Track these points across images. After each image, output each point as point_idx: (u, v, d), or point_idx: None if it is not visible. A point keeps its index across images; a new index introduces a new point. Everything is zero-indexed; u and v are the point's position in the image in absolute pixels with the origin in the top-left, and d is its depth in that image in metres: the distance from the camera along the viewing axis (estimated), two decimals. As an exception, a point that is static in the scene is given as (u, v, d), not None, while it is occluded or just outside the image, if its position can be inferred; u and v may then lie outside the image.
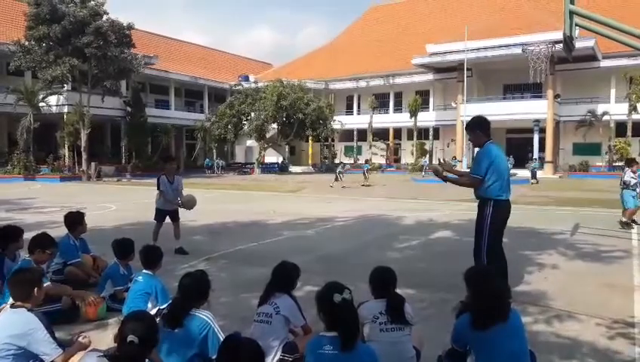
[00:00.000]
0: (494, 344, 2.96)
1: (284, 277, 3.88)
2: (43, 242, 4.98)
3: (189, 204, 8.30)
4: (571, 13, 6.82)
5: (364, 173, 27.68)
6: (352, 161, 46.16)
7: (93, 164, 33.31)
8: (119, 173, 35.83)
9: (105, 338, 4.19)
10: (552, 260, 7.51)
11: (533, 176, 28.58)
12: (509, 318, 3.01)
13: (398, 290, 3.68)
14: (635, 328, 4.60)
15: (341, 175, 26.28)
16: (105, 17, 31.76)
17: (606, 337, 4.37)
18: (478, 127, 5.52)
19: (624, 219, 10.76)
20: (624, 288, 5.94)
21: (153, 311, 4.36)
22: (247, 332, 3.86)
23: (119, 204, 16.42)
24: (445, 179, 5.56)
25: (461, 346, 3.17)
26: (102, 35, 30.46)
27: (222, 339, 3.27)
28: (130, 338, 2.52)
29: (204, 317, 3.36)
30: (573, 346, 4.20)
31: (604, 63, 37.47)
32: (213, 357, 3.18)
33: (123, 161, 38.98)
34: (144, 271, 4.71)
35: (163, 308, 4.26)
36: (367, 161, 31.94)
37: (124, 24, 32.52)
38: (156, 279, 4.68)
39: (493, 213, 5.19)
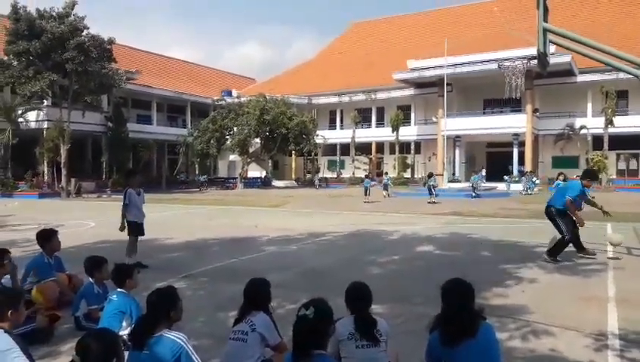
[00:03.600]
0: (465, 359, 2.97)
1: (255, 295, 3.83)
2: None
3: None
4: (545, 30, 6.98)
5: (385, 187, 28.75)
6: (336, 175, 46.27)
7: (73, 180, 32.81)
8: (100, 189, 35.35)
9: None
10: (530, 273, 7.59)
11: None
12: (478, 333, 3.01)
13: (378, 305, 3.67)
14: (608, 339, 4.66)
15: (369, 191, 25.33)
16: (85, 32, 31.54)
17: (581, 349, 4.42)
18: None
19: None
20: (599, 300, 6.02)
21: (127, 331, 4.29)
22: (222, 350, 3.83)
23: (98, 220, 16.19)
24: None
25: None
26: (83, 50, 30.23)
27: (196, 361, 3.21)
28: (74, 357, 2.44)
29: (177, 339, 3.21)
30: (548, 359, 4.23)
31: (581, 78, 38.33)
32: None
33: (104, 177, 38.51)
34: (118, 289, 4.64)
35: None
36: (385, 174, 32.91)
37: (105, 39, 32.33)
38: (131, 297, 4.61)
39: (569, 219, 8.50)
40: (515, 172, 39.10)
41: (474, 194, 27.15)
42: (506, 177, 36.14)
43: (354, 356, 3.35)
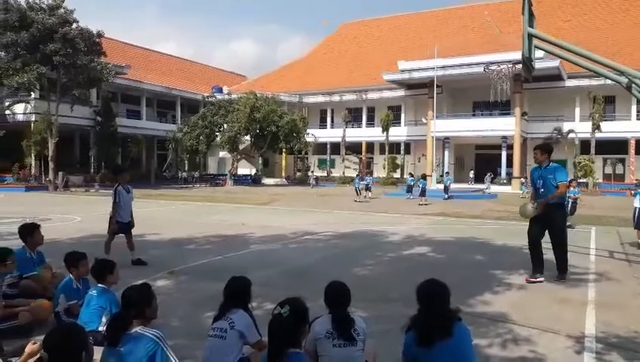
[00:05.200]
0: (441, 360, 3.00)
1: (235, 293, 3.84)
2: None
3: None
4: (530, 35, 7.05)
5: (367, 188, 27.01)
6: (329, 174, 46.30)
7: (60, 173, 32.58)
8: (87, 184, 35.17)
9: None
10: (512, 275, 7.63)
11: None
12: (453, 335, 3.04)
13: (359, 304, 3.69)
14: (585, 342, 4.72)
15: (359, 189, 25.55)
16: (74, 25, 31.27)
17: (559, 351, 4.48)
18: (548, 151, 7.26)
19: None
20: (578, 303, 6.10)
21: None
22: (202, 347, 3.83)
23: (85, 215, 16.10)
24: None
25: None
26: (70, 42, 29.95)
27: (172, 359, 3.21)
28: (41, 354, 2.43)
29: (152, 336, 3.20)
30: (526, 361, 4.29)
31: (569, 83, 38.72)
32: None
33: (92, 171, 38.24)
34: (99, 285, 4.63)
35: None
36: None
37: (94, 32, 32.07)
38: (111, 293, 4.60)
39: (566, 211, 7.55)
40: (504, 174, 39.43)
41: (446, 195, 27.01)
42: (486, 178, 36.19)
43: (330, 354, 3.36)
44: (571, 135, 38.59)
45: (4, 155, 33.48)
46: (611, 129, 37.83)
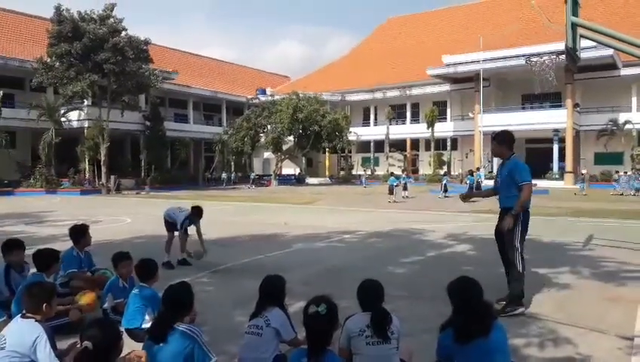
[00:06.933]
0: (477, 357, 2.95)
1: (270, 291, 3.89)
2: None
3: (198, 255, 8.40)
4: (574, 25, 6.77)
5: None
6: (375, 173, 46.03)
7: (112, 177, 33.89)
8: (138, 186, 36.38)
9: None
10: (559, 272, 7.37)
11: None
12: (491, 332, 2.99)
13: (393, 303, 3.66)
14: (635, 342, 4.49)
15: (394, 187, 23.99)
16: (123, 33, 32.45)
17: (604, 352, 4.29)
18: (505, 142, 5.71)
19: None
20: (629, 302, 5.80)
21: (150, 324, 4.40)
22: (239, 344, 3.90)
23: (135, 217, 16.66)
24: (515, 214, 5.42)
25: (446, 360, 3.17)
26: (119, 50, 31.12)
27: (209, 354, 3.29)
28: (86, 343, 2.55)
29: (189, 332, 3.30)
30: (568, 360, 4.13)
31: (625, 72, 36.90)
32: None
33: (142, 175, 39.54)
34: (141, 284, 4.79)
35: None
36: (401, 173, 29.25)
37: (142, 39, 33.16)
38: (153, 291, 4.74)
39: (524, 219, 5.48)
40: (556, 168, 38.02)
41: (444, 194, 25.55)
42: (480, 172, 31.27)
43: (364, 352, 3.36)
44: (628, 126, 36.74)
45: (61, 161, 35.06)
46: (671, 118, 35.85)
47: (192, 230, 8.55)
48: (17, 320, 3.46)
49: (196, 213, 8.50)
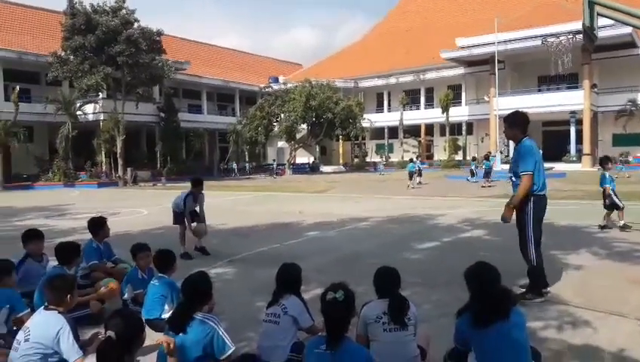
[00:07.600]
0: (494, 342, 2.95)
1: (286, 280, 3.92)
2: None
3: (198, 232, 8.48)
4: (591, 3, 6.62)
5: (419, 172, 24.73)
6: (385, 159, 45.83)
7: (129, 169, 34.25)
8: (155, 178, 36.71)
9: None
10: (574, 256, 7.30)
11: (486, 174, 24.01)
12: (509, 317, 2.99)
13: (410, 289, 3.66)
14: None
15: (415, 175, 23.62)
16: (136, 25, 32.56)
17: (624, 336, 4.24)
18: (516, 124, 5.39)
19: None
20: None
21: (169, 314, 4.46)
22: (258, 332, 3.95)
23: (152, 208, 16.83)
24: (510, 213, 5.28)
25: (463, 345, 3.18)
26: (133, 42, 31.26)
27: (227, 342, 3.34)
28: (109, 333, 2.60)
29: (208, 321, 3.37)
30: (588, 345, 4.09)
31: (644, 50, 36.10)
32: (221, 358, 3.27)
33: (158, 166, 39.86)
34: (159, 274, 4.85)
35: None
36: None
37: (154, 30, 33.23)
38: (172, 282, 4.80)
39: (535, 208, 5.22)
40: (573, 151, 37.49)
41: (474, 179, 25.49)
42: (472, 163, 29.37)
43: (381, 339, 3.39)
44: (647, 106, 36.09)
45: (78, 154, 35.48)
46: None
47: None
48: (40, 312, 3.52)
49: (196, 185, 8.50)
